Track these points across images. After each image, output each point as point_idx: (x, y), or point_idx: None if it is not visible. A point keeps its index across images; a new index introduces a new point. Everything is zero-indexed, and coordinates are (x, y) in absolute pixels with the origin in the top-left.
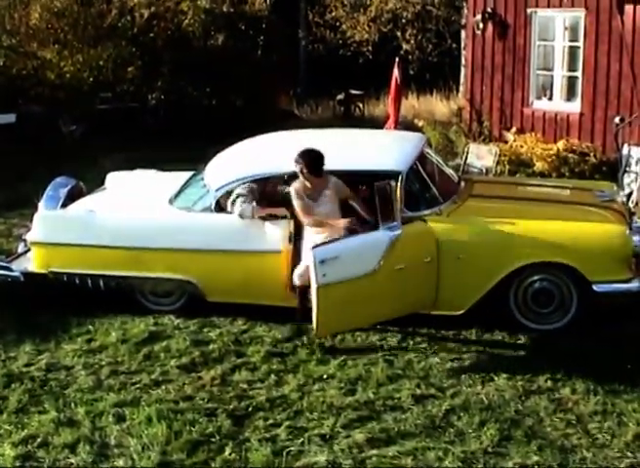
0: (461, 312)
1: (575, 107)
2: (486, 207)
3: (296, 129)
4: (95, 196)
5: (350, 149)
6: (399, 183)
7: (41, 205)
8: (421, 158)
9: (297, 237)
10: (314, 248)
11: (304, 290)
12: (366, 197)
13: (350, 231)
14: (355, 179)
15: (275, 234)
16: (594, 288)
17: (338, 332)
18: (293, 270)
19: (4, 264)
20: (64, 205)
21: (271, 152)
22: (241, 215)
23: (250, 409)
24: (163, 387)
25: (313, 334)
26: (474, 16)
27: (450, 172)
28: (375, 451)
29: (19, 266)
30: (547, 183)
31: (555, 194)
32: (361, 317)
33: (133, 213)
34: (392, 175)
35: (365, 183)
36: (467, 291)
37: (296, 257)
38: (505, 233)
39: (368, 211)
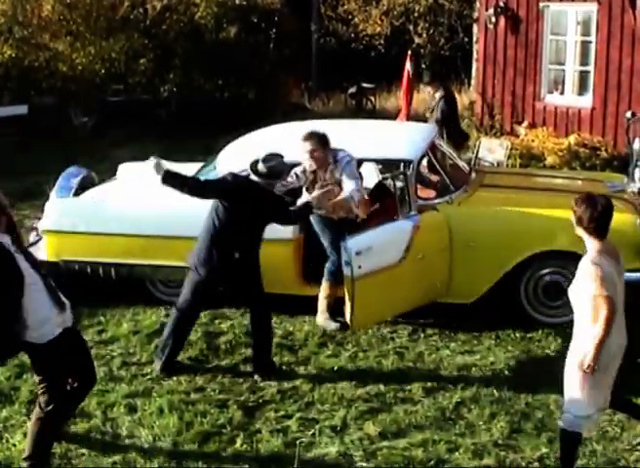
0: (472, 301)
1: (586, 102)
2: (497, 196)
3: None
4: (106, 185)
5: (362, 138)
6: (411, 171)
7: (53, 194)
8: (433, 148)
9: (307, 226)
10: (345, 240)
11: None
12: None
13: None
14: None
15: None
16: None
17: (371, 325)
18: (303, 259)
19: None
20: (76, 194)
21: (282, 142)
22: None
23: (261, 400)
24: (174, 378)
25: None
26: (486, 10)
27: (461, 162)
28: (385, 443)
29: None
30: (559, 174)
31: (566, 184)
32: (391, 307)
33: (144, 201)
34: (404, 163)
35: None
36: (478, 279)
37: (306, 246)
38: (516, 222)
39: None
